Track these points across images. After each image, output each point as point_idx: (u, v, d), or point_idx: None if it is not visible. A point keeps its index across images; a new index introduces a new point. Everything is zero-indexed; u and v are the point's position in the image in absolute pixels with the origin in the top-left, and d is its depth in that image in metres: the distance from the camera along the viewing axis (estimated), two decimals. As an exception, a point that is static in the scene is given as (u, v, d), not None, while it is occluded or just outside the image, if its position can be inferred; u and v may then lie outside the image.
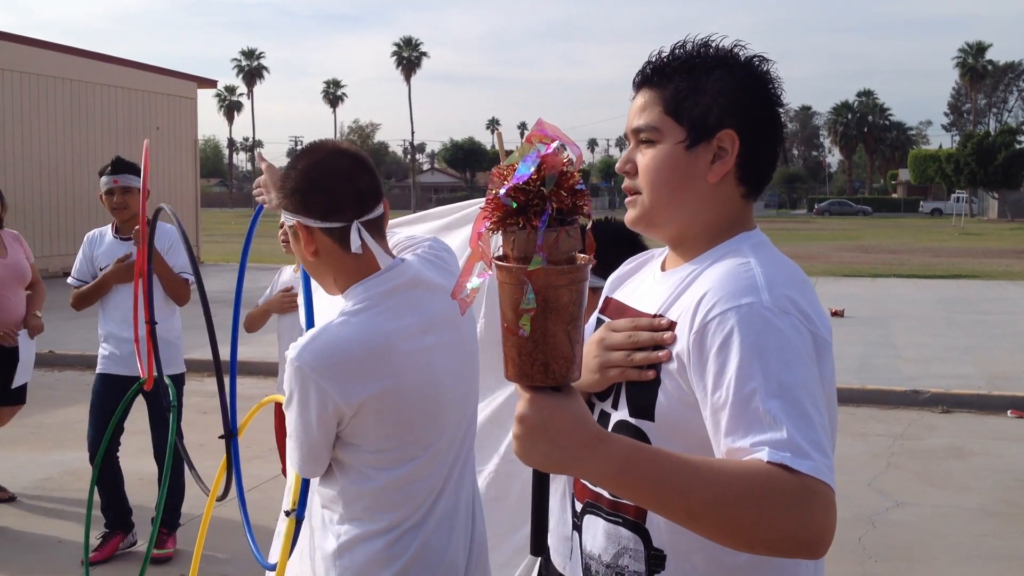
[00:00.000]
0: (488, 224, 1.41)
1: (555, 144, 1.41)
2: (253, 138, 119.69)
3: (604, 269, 2.09)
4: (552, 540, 3.13)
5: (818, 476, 1.46)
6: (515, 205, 1.38)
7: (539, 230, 1.37)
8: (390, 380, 2.32)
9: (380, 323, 2.33)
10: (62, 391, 10.77)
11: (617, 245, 2.48)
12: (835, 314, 15.75)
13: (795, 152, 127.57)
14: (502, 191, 1.39)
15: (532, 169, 1.38)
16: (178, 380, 5.81)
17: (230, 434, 3.31)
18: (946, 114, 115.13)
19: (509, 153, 1.50)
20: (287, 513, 2.91)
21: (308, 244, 2.37)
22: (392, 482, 2.39)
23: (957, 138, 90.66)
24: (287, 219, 2.39)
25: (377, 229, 2.41)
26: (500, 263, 1.41)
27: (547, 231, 1.38)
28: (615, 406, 1.79)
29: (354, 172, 2.39)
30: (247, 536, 3.09)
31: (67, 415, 9.35)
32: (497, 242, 1.44)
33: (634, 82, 1.87)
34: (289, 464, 2.49)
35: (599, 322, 1.97)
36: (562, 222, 1.39)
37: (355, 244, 2.35)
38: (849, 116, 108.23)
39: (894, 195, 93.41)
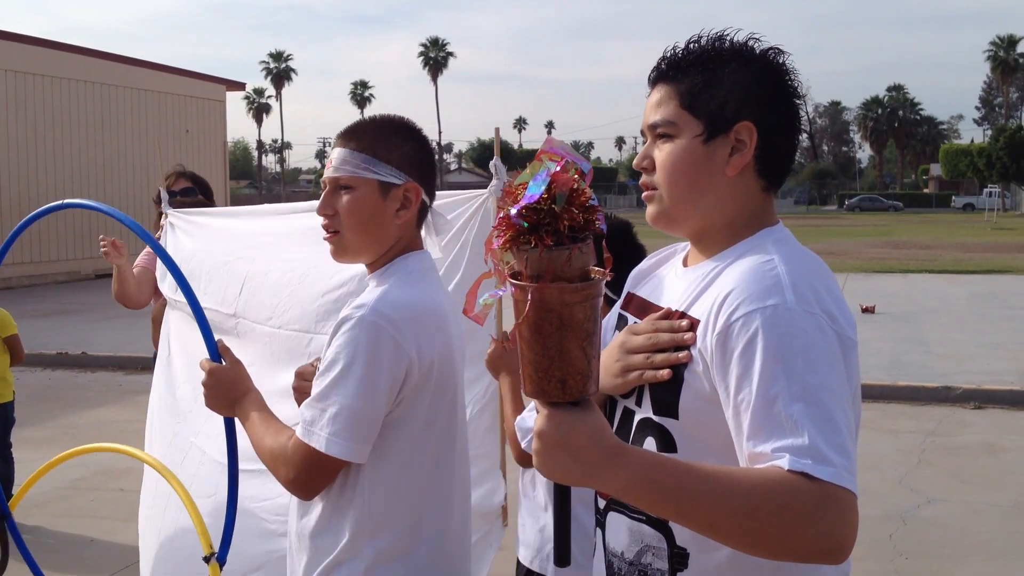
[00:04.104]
0: (500, 243, 1.43)
1: (564, 162, 1.42)
2: (282, 140, 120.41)
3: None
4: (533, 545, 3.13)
5: (839, 483, 1.45)
6: (526, 225, 1.39)
7: (551, 250, 1.38)
8: (447, 345, 2.33)
9: (435, 291, 2.40)
10: (94, 392, 10.86)
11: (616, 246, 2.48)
12: (866, 310, 15.65)
13: (825, 148, 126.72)
14: (513, 211, 1.40)
15: (543, 188, 1.39)
16: None
17: (2, 516, 3.25)
18: (977, 108, 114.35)
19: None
20: (207, 559, 2.75)
21: (406, 210, 2.38)
22: (424, 480, 2.30)
23: (989, 132, 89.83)
24: (397, 178, 2.34)
25: None
26: (514, 281, 1.43)
27: (559, 249, 1.39)
28: (639, 404, 1.79)
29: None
30: None
31: (99, 415, 9.43)
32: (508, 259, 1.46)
33: (649, 78, 1.85)
34: (297, 464, 2.22)
35: (621, 318, 1.96)
36: (574, 239, 1.40)
37: (438, 226, 2.50)
38: (879, 111, 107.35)
39: (925, 190, 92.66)
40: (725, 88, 1.76)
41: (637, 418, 1.78)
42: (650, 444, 1.73)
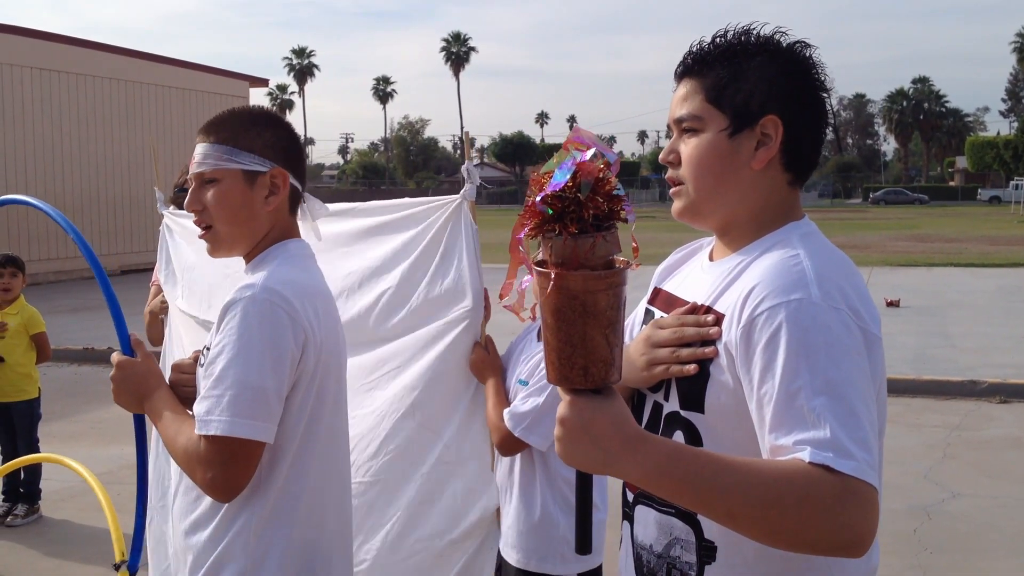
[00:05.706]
0: (526, 230, 1.44)
1: (591, 151, 1.42)
2: (305, 136, 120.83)
3: None
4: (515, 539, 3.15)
5: (860, 476, 1.45)
6: (551, 212, 1.40)
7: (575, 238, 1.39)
8: (334, 329, 2.31)
9: (318, 276, 2.37)
10: (120, 387, 10.91)
11: None
12: (891, 304, 15.55)
13: (850, 141, 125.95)
14: (538, 198, 1.41)
15: (568, 176, 1.40)
16: None
17: None
18: (1004, 100, 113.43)
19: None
20: (116, 567, 2.70)
21: (275, 196, 2.33)
22: (317, 466, 2.24)
23: (1015, 124, 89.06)
24: (261, 165, 2.31)
25: None
26: (539, 268, 1.44)
27: (583, 236, 1.40)
28: (666, 398, 1.80)
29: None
30: None
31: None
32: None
33: (676, 72, 1.86)
34: (197, 454, 2.12)
35: (648, 312, 1.96)
36: (599, 227, 1.41)
37: (314, 211, 2.47)
38: (904, 103, 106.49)
39: (951, 183, 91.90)
40: (751, 82, 1.76)
41: (665, 412, 1.79)
42: (678, 438, 1.74)
